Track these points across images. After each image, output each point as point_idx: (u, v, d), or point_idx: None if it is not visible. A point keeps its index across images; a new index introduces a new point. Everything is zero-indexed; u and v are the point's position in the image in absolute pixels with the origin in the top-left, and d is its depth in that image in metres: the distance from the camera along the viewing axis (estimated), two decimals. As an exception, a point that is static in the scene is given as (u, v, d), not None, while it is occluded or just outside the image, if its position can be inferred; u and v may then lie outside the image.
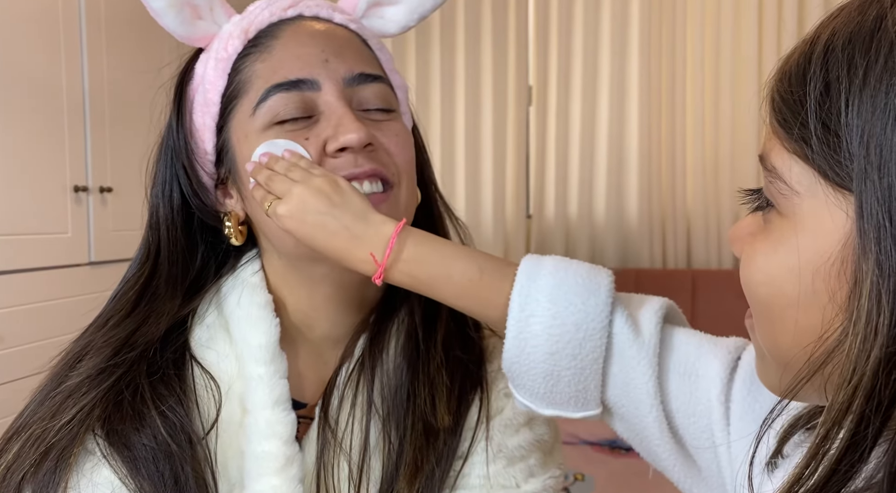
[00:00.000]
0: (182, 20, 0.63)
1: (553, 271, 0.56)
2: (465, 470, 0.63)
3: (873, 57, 0.33)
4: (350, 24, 0.66)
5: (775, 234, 0.38)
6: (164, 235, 0.65)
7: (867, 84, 0.33)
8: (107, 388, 0.58)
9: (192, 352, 0.63)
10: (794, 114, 0.36)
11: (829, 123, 0.34)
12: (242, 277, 0.65)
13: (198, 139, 0.65)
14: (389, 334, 0.66)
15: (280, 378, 0.61)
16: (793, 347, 0.37)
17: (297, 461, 0.60)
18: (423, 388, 0.64)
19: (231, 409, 0.61)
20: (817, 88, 0.35)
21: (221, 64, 0.63)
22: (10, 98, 1.82)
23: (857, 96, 0.33)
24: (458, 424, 0.63)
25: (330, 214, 0.57)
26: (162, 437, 0.57)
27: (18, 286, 1.84)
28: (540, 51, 2.95)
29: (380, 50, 0.68)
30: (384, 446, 0.62)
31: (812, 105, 0.35)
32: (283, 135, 0.60)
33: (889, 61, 0.33)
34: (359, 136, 0.59)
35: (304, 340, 0.67)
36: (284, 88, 0.60)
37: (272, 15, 0.64)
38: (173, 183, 0.66)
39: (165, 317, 0.63)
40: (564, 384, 0.54)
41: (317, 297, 0.65)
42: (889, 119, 0.32)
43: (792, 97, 0.36)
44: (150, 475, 0.55)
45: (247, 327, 0.62)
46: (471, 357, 0.66)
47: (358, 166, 0.60)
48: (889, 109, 0.32)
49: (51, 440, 0.56)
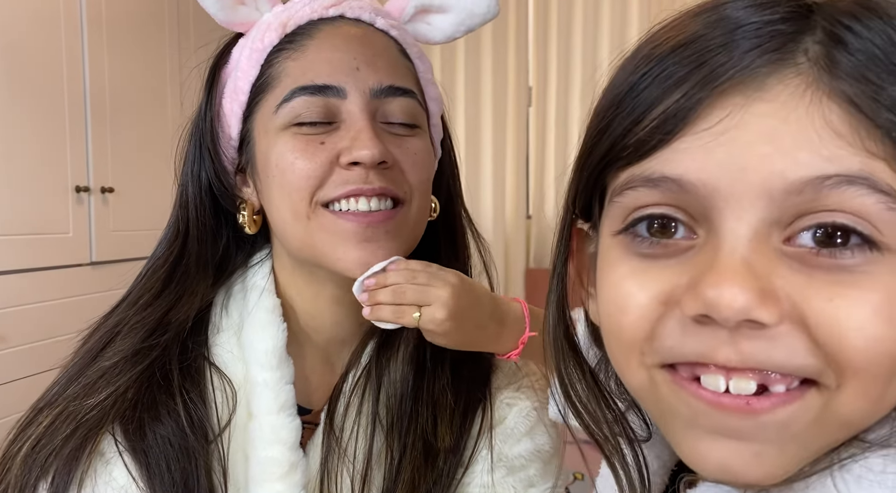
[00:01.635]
0: (223, 4, 0.62)
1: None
2: (465, 479, 0.63)
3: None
4: (391, 30, 0.64)
5: (884, 279, 0.29)
6: (193, 214, 0.65)
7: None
8: (141, 370, 0.58)
9: (208, 352, 0.63)
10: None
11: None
12: (252, 280, 0.65)
13: (224, 124, 0.65)
14: (399, 341, 0.66)
15: (286, 384, 0.61)
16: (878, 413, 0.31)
17: (300, 467, 0.59)
18: (425, 408, 0.63)
19: (238, 413, 0.61)
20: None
21: (256, 54, 0.62)
22: (12, 98, 1.82)
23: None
24: (460, 439, 0.63)
25: (478, 304, 0.61)
26: (183, 429, 0.57)
27: (19, 286, 1.85)
28: (540, 51, 2.96)
29: (419, 58, 0.66)
30: (386, 457, 0.62)
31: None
32: (300, 137, 0.60)
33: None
34: (372, 153, 0.58)
35: (311, 344, 0.67)
36: (309, 92, 0.59)
37: (313, 12, 0.63)
38: (202, 163, 0.66)
39: (198, 297, 0.63)
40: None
41: (322, 297, 0.65)
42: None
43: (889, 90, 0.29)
44: (160, 474, 0.55)
45: (254, 331, 0.62)
46: (478, 374, 0.66)
47: (368, 183, 0.59)
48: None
49: (81, 418, 0.56)
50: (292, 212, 0.60)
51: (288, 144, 0.60)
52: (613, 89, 0.36)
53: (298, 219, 0.60)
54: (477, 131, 3.02)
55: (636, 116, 0.33)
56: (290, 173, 0.59)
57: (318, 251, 0.60)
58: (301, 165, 0.59)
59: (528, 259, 3.02)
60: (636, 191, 0.33)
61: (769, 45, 0.30)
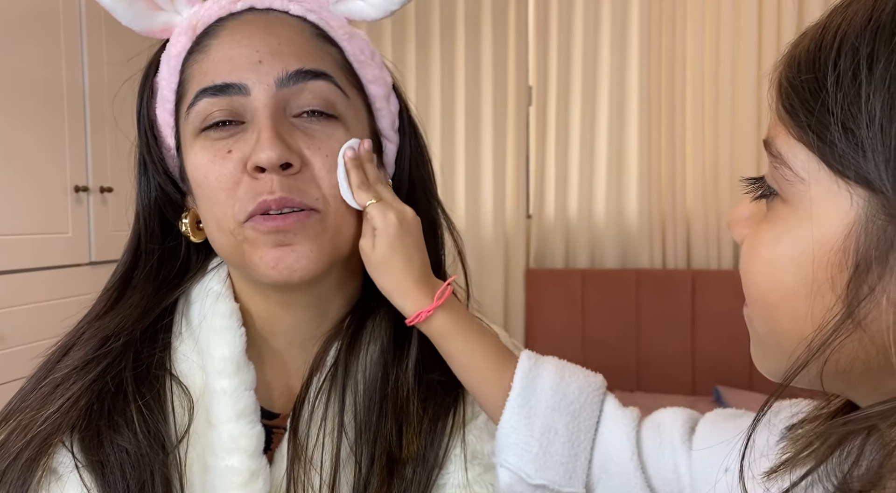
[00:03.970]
0: (135, 13, 0.60)
1: (554, 359, 0.62)
2: (440, 480, 0.61)
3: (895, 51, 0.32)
4: (308, 14, 0.60)
5: (779, 223, 0.38)
6: (143, 224, 0.64)
7: (890, 77, 0.32)
8: (92, 379, 0.57)
9: (168, 360, 0.61)
10: (803, 101, 0.36)
11: (841, 114, 0.34)
12: (208, 285, 0.64)
13: (161, 134, 0.63)
14: (362, 343, 0.64)
15: (245, 390, 0.59)
16: (791, 334, 0.37)
17: (262, 475, 0.58)
18: (389, 418, 0.61)
19: (198, 421, 0.59)
20: (830, 78, 0.34)
21: (172, 61, 0.60)
22: (11, 98, 1.82)
23: (879, 90, 0.32)
24: (431, 443, 0.61)
25: (419, 247, 0.61)
26: (137, 437, 0.55)
27: (19, 286, 1.84)
28: (540, 51, 2.95)
29: (347, 40, 0.62)
30: (353, 464, 0.60)
31: (825, 96, 0.34)
32: (209, 146, 0.57)
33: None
34: (269, 155, 0.54)
35: (270, 349, 0.65)
36: (211, 93, 0.57)
37: (221, 9, 0.60)
38: (146, 173, 0.65)
39: (138, 308, 0.62)
40: (560, 445, 0.56)
41: (271, 301, 0.63)
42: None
43: (801, 84, 0.36)
44: (115, 484, 0.54)
45: (210, 338, 0.60)
46: (449, 377, 0.63)
47: (271, 193, 0.55)
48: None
49: (36, 430, 0.55)
50: (216, 224, 0.59)
51: (199, 155, 0.58)
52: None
53: (223, 231, 0.58)
54: (477, 131, 3.02)
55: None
56: (206, 187, 0.58)
57: (242, 260, 0.58)
58: (213, 177, 0.57)
59: (528, 259, 3.02)
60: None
61: None
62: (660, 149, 2.84)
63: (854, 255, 0.33)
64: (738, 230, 0.42)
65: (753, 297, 0.40)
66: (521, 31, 3.00)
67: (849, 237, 0.34)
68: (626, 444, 0.57)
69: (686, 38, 2.80)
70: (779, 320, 0.38)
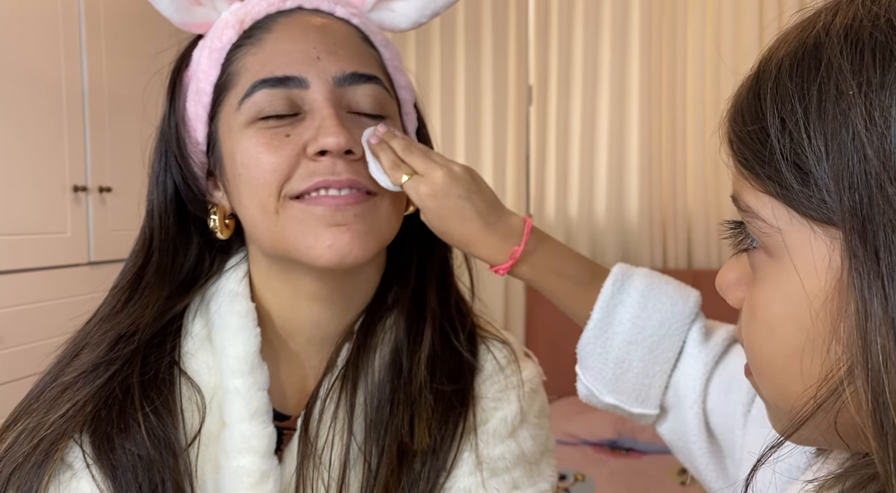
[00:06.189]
0: (178, 6, 0.61)
1: (647, 274, 0.63)
2: (448, 483, 0.61)
3: (824, 85, 0.31)
4: (352, 18, 0.63)
5: (768, 282, 0.36)
6: (157, 223, 0.64)
7: (825, 113, 0.31)
8: (100, 385, 0.57)
9: (179, 361, 0.61)
10: (755, 153, 0.35)
11: (793, 156, 0.33)
12: (226, 285, 0.64)
13: (190, 128, 0.63)
14: (374, 343, 0.64)
15: (258, 390, 0.59)
16: (804, 398, 0.34)
17: (273, 475, 0.58)
18: (402, 409, 0.61)
19: (211, 422, 0.59)
20: (773, 125, 0.33)
21: (215, 54, 0.61)
22: (10, 97, 1.81)
23: (818, 126, 0.32)
24: (440, 441, 0.61)
25: (469, 199, 0.62)
26: (146, 443, 0.55)
27: (18, 286, 1.84)
28: (540, 51, 2.95)
29: (384, 46, 0.65)
30: (363, 462, 0.60)
31: (772, 143, 0.33)
32: (265, 131, 0.58)
33: (840, 86, 0.31)
34: (338, 140, 0.56)
35: (287, 349, 0.65)
36: (270, 85, 0.58)
37: (270, 6, 0.62)
38: (167, 171, 0.65)
39: (156, 308, 0.61)
40: (633, 375, 0.58)
41: (300, 295, 0.64)
42: (857, 146, 0.30)
43: (748, 136, 0.35)
44: (127, 486, 0.54)
45: (225, 337, 0.61)
46: (459, 374, 0.64)
47: (335, 174, 0.58)
48: (854, 135, 0.30)
49: (42, 434, 0.55)
50: (261, 208, 0.59)
51: (252, 140, 0.58)
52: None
53: (268, 214, 0.59)
54: (477, 131, 3.02)
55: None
56: (256, 168, 0.58)
57: (289, 244, 0.59)
58: (266, 158, 0.58)
59: (528, 259, 3.02)
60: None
61: None
62: (660, 148, 2.84)
63: (851, 299, 0.31)
64: (732, 295, 0.40)
65: (759, 362, 0.37)
66: (521, 31, 3.00)
67: (840, 281, 0.32)
68: (692, 392, 0.57)
69: (687, 37, 2.80)
70: (788, 384, 0.35)
